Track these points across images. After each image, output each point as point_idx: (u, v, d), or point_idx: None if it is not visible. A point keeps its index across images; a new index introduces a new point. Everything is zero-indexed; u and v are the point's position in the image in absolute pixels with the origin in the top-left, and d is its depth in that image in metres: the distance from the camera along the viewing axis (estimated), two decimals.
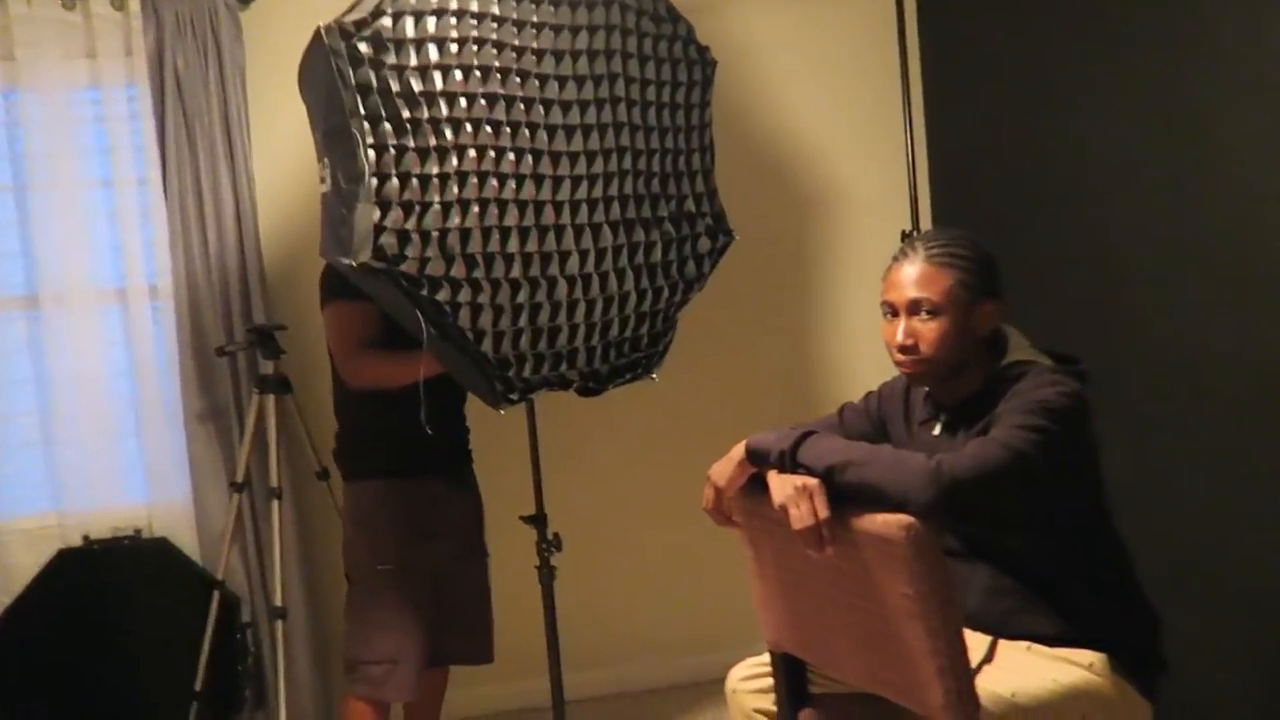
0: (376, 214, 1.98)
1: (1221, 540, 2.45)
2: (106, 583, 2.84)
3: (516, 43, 2.20)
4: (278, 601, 2.79)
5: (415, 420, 2.25)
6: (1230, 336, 2.37)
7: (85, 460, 2.91)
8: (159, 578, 2.88)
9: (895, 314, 1.84)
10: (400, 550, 2.44)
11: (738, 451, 1.84)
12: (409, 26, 2.05)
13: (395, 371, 2.31)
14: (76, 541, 2.87)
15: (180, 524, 2.95)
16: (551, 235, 2.26)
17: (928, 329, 1.80)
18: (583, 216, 2.32)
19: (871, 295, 1.94)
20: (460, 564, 2.57)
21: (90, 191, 2.95)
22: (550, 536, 2.64)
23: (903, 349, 1.82)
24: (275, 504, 2.80)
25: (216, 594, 2.85)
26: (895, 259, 1.86)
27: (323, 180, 2.18)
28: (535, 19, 2.23)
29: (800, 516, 1.64)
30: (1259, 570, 2.35)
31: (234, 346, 2.90)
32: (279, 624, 2.79)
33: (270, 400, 2.84)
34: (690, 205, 2.55)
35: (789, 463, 1.71)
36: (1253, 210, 2.29)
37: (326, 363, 2.53)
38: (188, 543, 2.94)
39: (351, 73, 1.97)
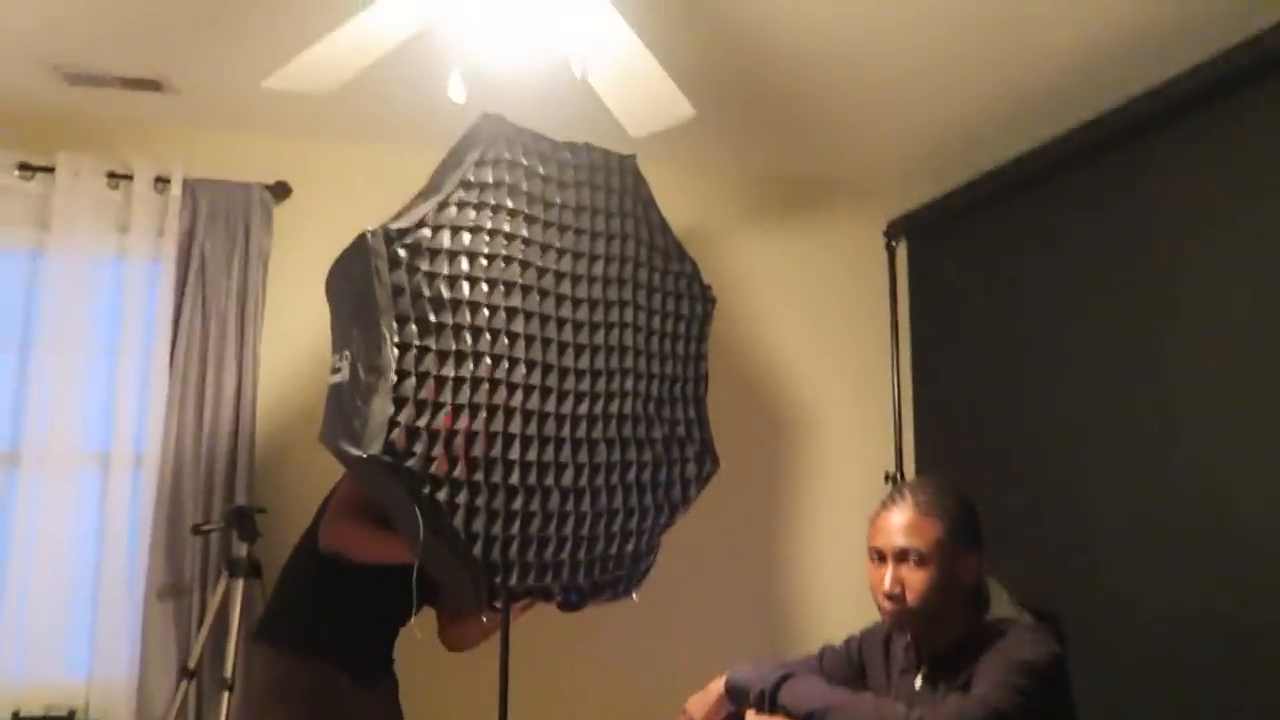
0: (392, 409, 2.04)
1: None
2: None
3: (540, 263, 2.34)
4: None
5: (346, 613, 2.32)
6: (1196, 597, 2.44)
7: (31, 628, 2.80)
8: None
9: (883, 560, 1.86)
10: None
11: (716, 686, 1.83)
12: (446, 239, 2.19)
13: (371, 543, 2.31)
14: (4, 716, 2.70)
15: (120, 707, 2.80)
16: (551, 446, 2.32)
17: (915, 578, 1.82)
18: (581, 431, 2.38)
19: (853, 532, 1.99)
20: None
21: (94, 356, 2.98)
22: None
23: (889, 596, 1.84)
24: (225, 696, 2.68)
25: None
26: (884, 505, 1.90)
27: (336, 370, 2.25)
28: (559, 245, 2.39)
29: None
30: None
31: (211, 526, 2.87)
32: None
33: (239, 585, 2.78)
34: (681, 430, 2.63)
35: (769, 704, 1.71)
36: (1210, 469, 2.41)
37: None
38: None
39: (389, 273, 2.08)
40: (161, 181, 3.02)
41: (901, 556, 1.84)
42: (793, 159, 3.46)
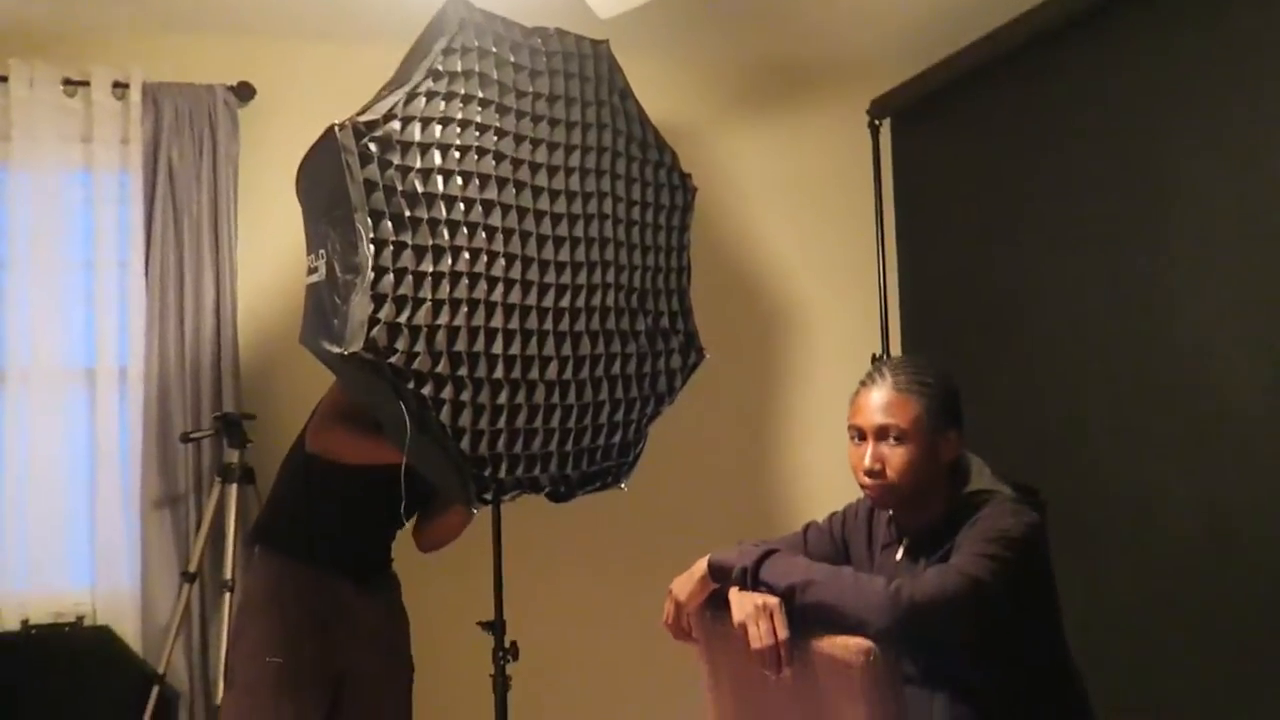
0: (371, 306, 2.02)
1: (1172, 673, 2.49)
2: (43, 670, 2.73)
3: (515, 154, 2.30)
4: (219, 700, 2.69)
5: (338, 518, 2.34)
6: (1181, 476, 2.47)
7: (32, 541, 2.83)
8: (98, 668, 2.77)
9: (863, 438, 1.88)
10: (293, 642, 2.33)
11: (700, 567, 1.86)
12: (417, 131, 2.14)
13: (357, 444, 2.31)
14: (14, 625, 2.76)
15: (125, 613, 2.86)
16: (534, 340, 2.31)
17: (894, 455, 1.84)
18: (564, 324, 2.38)
19: (838, 416, 2.00)
20: (372, 673, 2.46)
21: (69, 273, 2.96)
22: (507, 645, 2.60)
23: (869, 473, 1.85)
24: (227, 596, 2.74)
25: (156, 689, 2.75)
26: (863, 384, 1.91)
27: (312, 270, 2.23)
28: (534, 134, 2.35)
29: (759, 635, 1.66)
30: (1211, 705, 2.39)
31: (200, 433, 2.88)
32: None
33: (232, 490, 2.81)
34: (665, 322, 2.63)
35: (750, 580, 1.74)
36: (1202, 355, 2.42)
37: None
38: (131, 633, 2.84)
39: (360, 169, 2.04)
40: (120, 87, 2.94)
41: (881, 434, 1.86)
42: (770, 40, 3.37)
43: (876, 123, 3.56)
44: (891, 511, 1.97)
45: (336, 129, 2.04)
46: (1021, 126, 3.00)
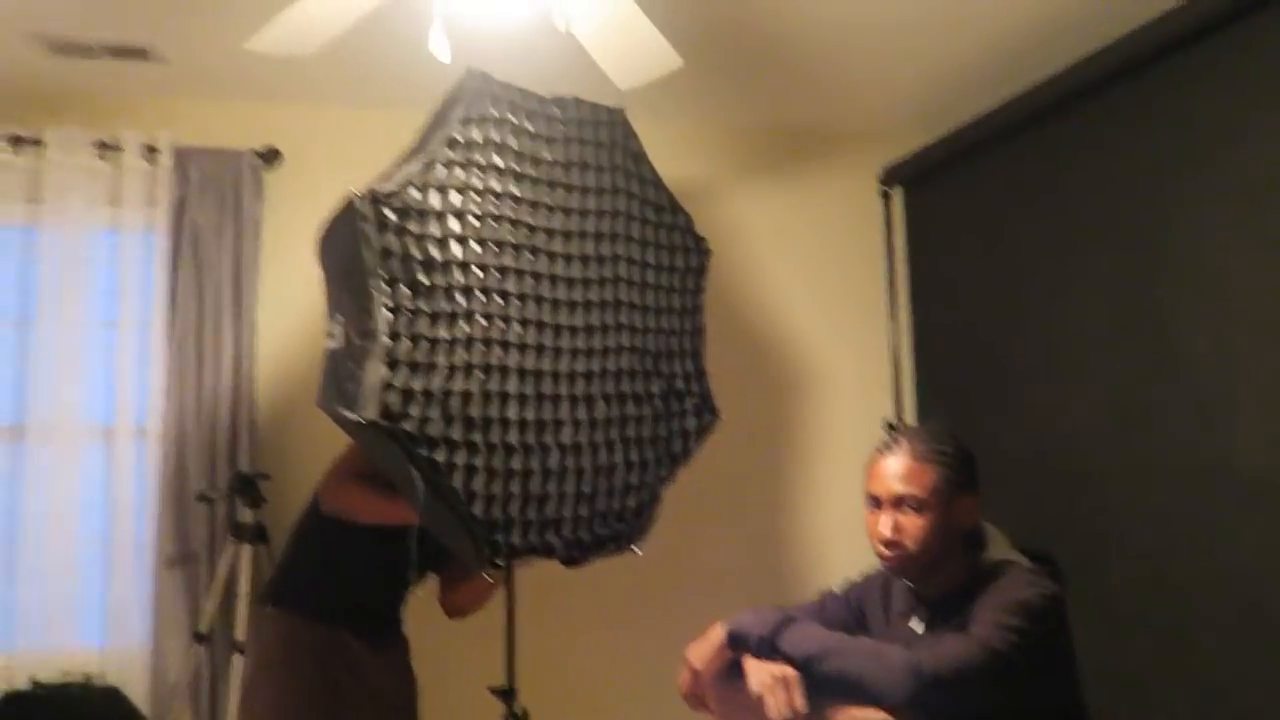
0: (385, 372, 2.04)
1: None
2: None
3: (530, 221, 2.33)
4: None
5: (347, 573, 2.36)
6: (1192, 538, 2.45)
7: (45, 599, 2.84)
8: None
9: (879, 506, 1.86)
10: (304, 702, 2.33)
11: (716, 634, 1.83)
12: (434, 199, 2.18)
13: (371, 504, 2.32)
14: (23, 684, 2.75)
15: (134, 673, 2.85)
16: (549, 404, 2.32)
17: (912, 524, 1.82)
18: (579, 388, 2.39)
19: (852, 479, 2.00)
20: None
21: (93, 331, 3.00)
22: (519, 712, 2.58)
23: (886, 543, 1.84)
24: (237, 657, 2.72)
25: None
26: (880, 451, 1.90)
27: (331, 336, 2.26)
28: (549, 201, 2.38)
29: (777, 706, 1.64)
30: None
31: (215, 492, 2.90)
32: None
33: (246, 550, 2.81)
34: (680, 384, 2.64)
35: (769, 649, 1.72)
36: (1207, 412, 2.41)
37: None
38: (140, 694, 2.83)
39: (377, 236, 2.07)
40: (150, 151, 3.01)
41: (898, 503, 1.84)
42: (784, 108, 3.42)
43: (888, 189, 3.59)
44: (908, 580, 1.95)
45: (355, 198, 2.08)
46: (1029, 192, 3.03)
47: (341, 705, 2.39)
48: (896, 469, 1.86)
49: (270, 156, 3.14)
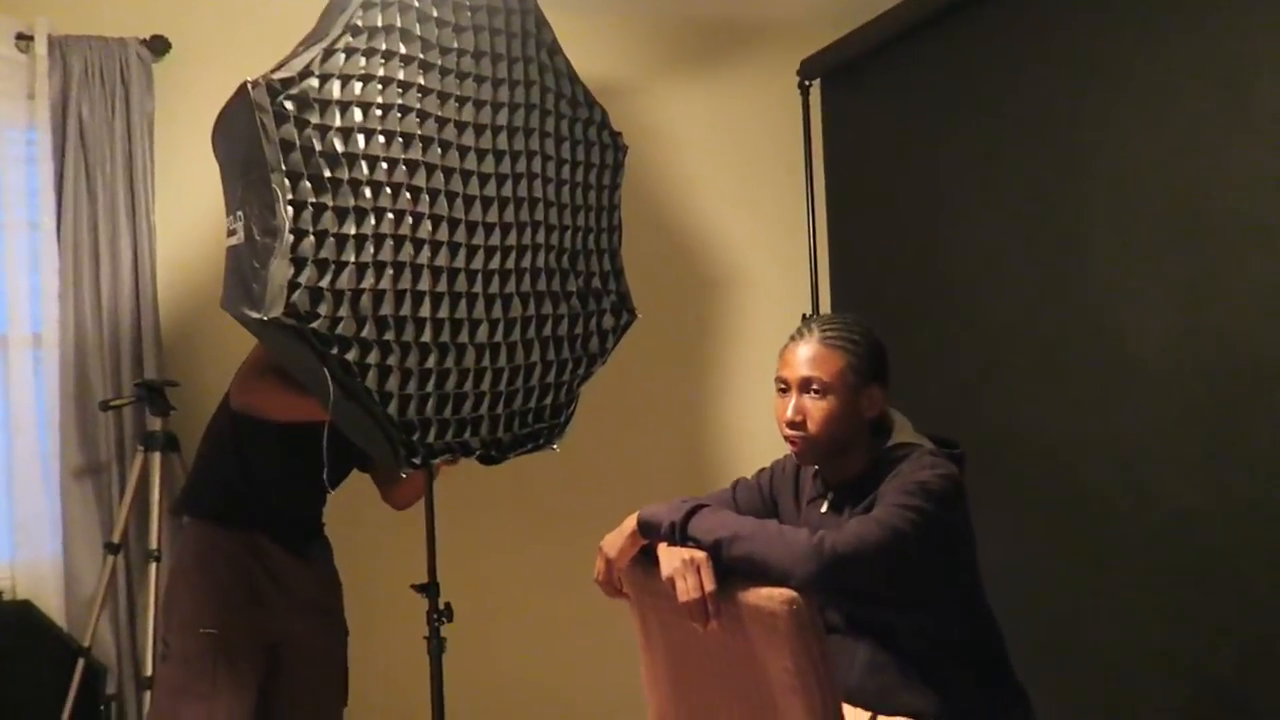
0: (291, 270, 1.97)
1: (1087, 617, 2.58)
2: None
3: (439, 113, 2.25)
4: (148, 672, 2.65)
5: (263, 478, 2.31)
6: (1094, 425, 2.55)
7: None
8: (20, 643, 2.70)
9: (787, 390, 1.92)
10: (227, 611, 2.31)
11: (629, 523, 1.87)
12: (335, 89, 2.08)
13: (283, 400, 2.26)
14: None
15: (47, 586, 2.79)
16: (463, 303, 2.28)
17: (816, 407, 1.88)
18: (494, 286, 2.35)
19: (769, 375, 2.02)
20: (308, 638, 2.45)
21: None
22: (441, 606, 2.60)
23: (791, 424, 1.90)
24: (153, 567, 2.69)
25: (81, 662, 2.69)
26: (791, 339, 1.95)
27: (232, 233, 2.17)
28: (459, 92, 2.29)
29: (687, 589, 1.68)
30: (1121, 647, 2.49)
31: (120, 400, 2.81)
32: (147, 695, 2.65)
33: (155, 458, 2.74)
34: (597, 282, 2.62)
35: (678, 535, 1.76)
36: (1111, 305, 2.49)
37: None
38: (54, 607, 2.78)
39: (275, 129, 1.98)
40: (24, 39, 2.81)
41: (804, 386, 1.89)
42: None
43: (807, 83, 3.56)
44: (815, 465, 2.00)
45: (250, 87, 1.97)
46: (946, 87, 3.03)
47: (265, 612, 2.37)
48: (804, 354, 1.90)
49: (158, 45, 2.96)
